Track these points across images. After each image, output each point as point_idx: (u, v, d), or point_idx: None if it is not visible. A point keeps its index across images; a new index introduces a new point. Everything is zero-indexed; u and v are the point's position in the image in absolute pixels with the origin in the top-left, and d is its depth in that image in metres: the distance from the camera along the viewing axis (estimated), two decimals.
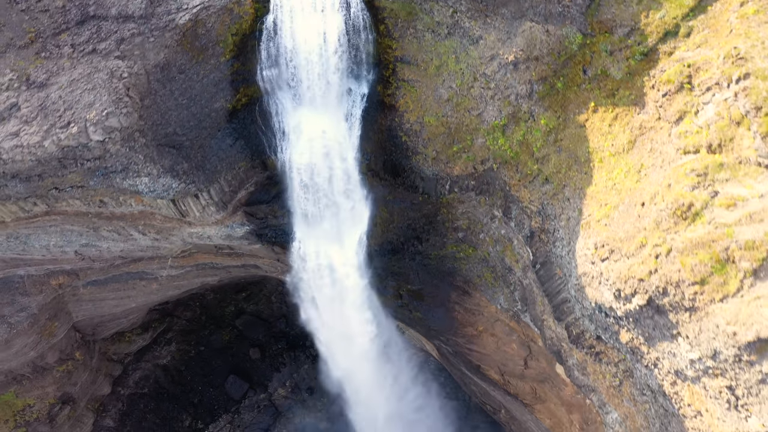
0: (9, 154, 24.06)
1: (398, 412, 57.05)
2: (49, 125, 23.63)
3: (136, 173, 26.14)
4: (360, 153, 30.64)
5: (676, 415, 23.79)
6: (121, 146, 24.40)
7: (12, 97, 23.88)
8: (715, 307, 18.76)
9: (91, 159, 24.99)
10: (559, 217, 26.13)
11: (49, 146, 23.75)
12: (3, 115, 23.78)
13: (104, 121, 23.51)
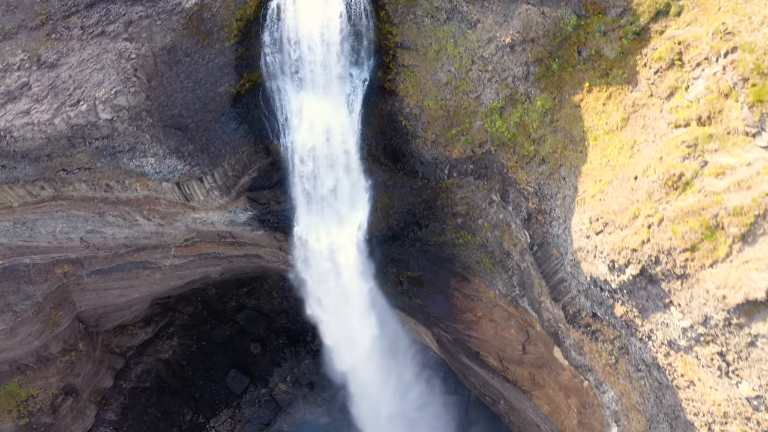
0: (20, 132, 24.75)
1: (400, 409, 57.54)
2: (59, 103, 24.34)
3: (143, 153, 26.80)
4: (361, 138, 31.30)
5: (670, 387, 24.33)
6: (128, 125, 25.08)
7: (23, 76, 24.61)
8: (706, 273, 19.37)
9: (99, 138, 25.65)
10: (555, 197, 26.77)
11: (59, 124, 24.43)
12: (14, 93, 24.51)
13: (113, 100, 24.22)
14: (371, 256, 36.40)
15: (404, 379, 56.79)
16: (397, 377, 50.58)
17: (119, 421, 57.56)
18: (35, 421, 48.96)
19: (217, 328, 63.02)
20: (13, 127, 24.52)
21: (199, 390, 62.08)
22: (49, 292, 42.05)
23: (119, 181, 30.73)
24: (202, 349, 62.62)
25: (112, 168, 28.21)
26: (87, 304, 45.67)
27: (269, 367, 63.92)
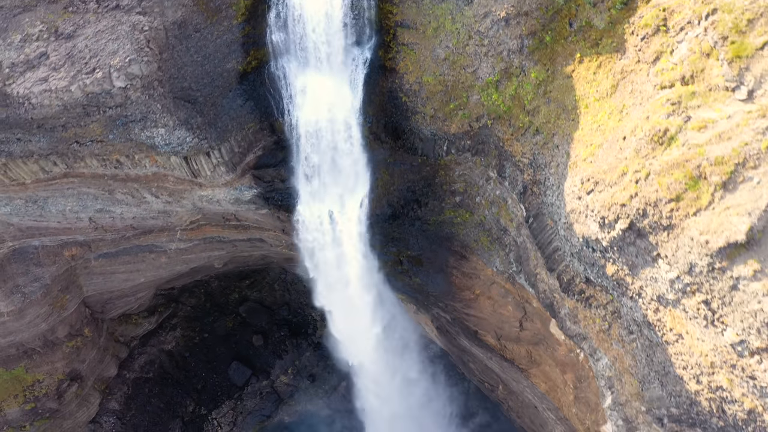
0: (38, 99, 25.92)
1: (404, 403, 58.36)
2: (76, 71, 25.53)
3: (154, 123, 27.96)
4: (362, 116, 32.44)
5: (660, 344, 25.28)
6: (141, 93, 26.26)
7: (42, 46, 25.83)
8: (690, 221, 20.44)
9: (113, 106, 26.82)
10: (549, 165, 27.89)
11: (75, 91, 25.59)
12: (33, 63, 25.70)
13: (127, 68, 25.42)
14: (372, 235, 37.42)
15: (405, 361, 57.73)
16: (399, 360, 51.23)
17: (122, 411, 58.23)
18: (41, 406, 49.70)
19: (219, 320, 63.89)
20: (31, 93, 25.71)
21: (201, 381, 62.82)
22: (57, 275, 43.05)
23: (129, 157, 31.87)
24: (205, 341, 63.45)
25: (124, 140, 29.36)
26: (93, 289, 46.62)
27: (271, 359, 64.71)
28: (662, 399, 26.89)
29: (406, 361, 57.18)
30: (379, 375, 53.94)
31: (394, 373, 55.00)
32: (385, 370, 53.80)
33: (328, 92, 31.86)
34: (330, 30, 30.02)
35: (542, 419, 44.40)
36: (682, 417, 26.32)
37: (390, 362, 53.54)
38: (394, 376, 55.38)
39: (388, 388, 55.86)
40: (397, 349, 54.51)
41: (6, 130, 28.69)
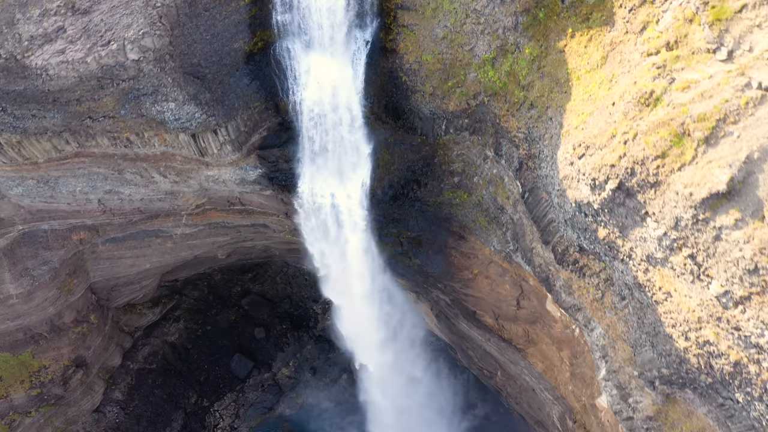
0: (55, 70, 27.14)
1: (407, 400, 59.23)
2: (92, 44, 26.77)
3: (164, 97, 29.16)
4: (364, 96, 33.65)
5: (650, 305, 26.28)
6: (153, 66, 27.48)
7: (59, 21, 27.09)
8: (675, 177, 21.56)
9: (126, 79, 28.04)
10: (543, 138, 29.06)
11: (91, 63, 26.82)
12: (51, 36, 26.96)
13: (140, 40, 26.66)
14: (373, 216, 38.50)
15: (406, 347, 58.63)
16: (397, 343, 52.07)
17: (126, 401, 58.97)
18: (46, 392, 50.45)
19: (222, 313, 64.80)
20: (49, 65, 26.94)
21: (204, 373, 63.61)
22: (66, 259, 44.07)
23: (139, 135, 33.06)
24: (208, 334, 64.31)
25: (135, 116, 30.56)
26: (100, 274, 47.61)
27: (273, 352, 65.55)
28: (653, 361, 27.85)
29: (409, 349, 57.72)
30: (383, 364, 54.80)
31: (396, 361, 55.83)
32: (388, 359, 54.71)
33: (331, 73, 33.06)
34: (334, 13, 31.29)
35: (540, 402, 45.20)
36: (673, 377, 27.27)
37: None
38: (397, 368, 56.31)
39: (391, 377, 56.79)
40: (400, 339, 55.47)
41: (22, 105, 29.91)
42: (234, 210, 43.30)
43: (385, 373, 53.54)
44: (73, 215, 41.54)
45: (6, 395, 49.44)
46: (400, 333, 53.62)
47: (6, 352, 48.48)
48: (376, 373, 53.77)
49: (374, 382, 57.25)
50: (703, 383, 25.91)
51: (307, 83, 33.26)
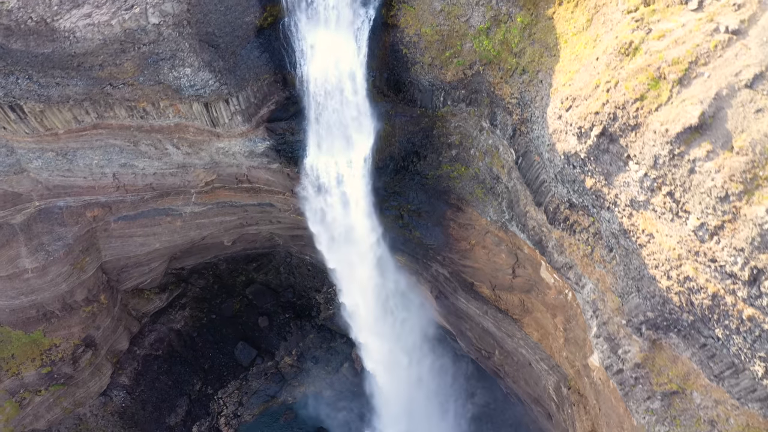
0: (82, 32, 29.25)
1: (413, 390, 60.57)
2: (116, 8, 28.93)
3: (181, 62, 31.27)
4: (367, 70, 35.74)
5: (635, 250, 28.05)
6: (172, 30, 29.61)
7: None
8: (653, 117, 23.54)
9: (146, 43, 30.17)
10: (534, 101, 31.10)
11: (115, 26, 28.94)
12: (78, 1, 29.15)
13: (161, 5, 28.83)
14: (375, 189, 40.38)
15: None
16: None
17: (132, 386, 60.34)
18: (56, 370, 51.89)
19: (226, 302, 66.37)
20: (76, 27, 29.07)
21: (208, 361, 64.98)
22: (80, 235, 45.90)
23: (155, 104, 35.14)
24: (212, 322, 65.84)
25: (153, 83, 32.64)
26: (111, 253, 49.36)
27: (276, 341, 66.99)
28: (639, 306, 29.53)
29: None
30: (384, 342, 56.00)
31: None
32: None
33: (336, 48, 35.16)
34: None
35: (536, 375, 46.62)
36: (657, 320, 28.92)
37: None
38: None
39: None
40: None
41: (47, 72, 32.02)
42: (242, 188, 45.19)
43: (386, 355, 54.88)
44: (88, 191, 43.43)
45: (17, 373, 50.88)
46: (400, 315, 55.05)
47: (19, 329, 50.06)
48: (376, 354, 55.10)
49: (375, 361, 57.98)
50: (685, 323, 27.57)
51: (313, 57, 35.32)
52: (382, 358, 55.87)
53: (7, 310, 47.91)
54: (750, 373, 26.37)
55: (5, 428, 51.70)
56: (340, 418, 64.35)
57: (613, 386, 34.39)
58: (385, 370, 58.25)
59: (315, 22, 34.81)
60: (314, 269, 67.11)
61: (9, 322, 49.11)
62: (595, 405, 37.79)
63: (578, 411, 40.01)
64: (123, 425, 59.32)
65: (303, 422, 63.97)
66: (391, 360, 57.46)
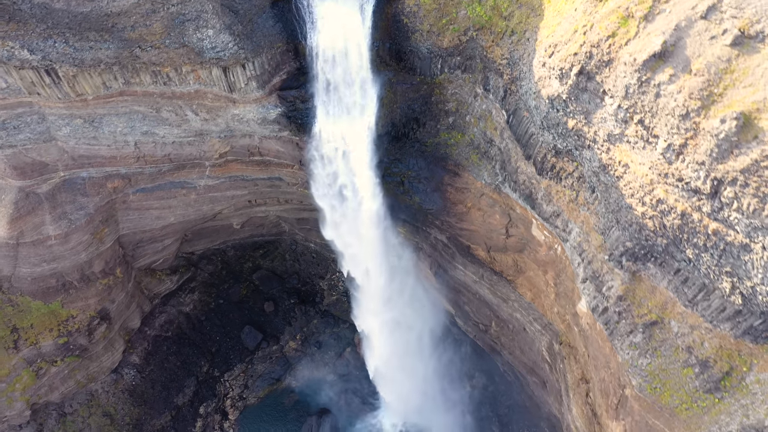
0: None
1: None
2: None
3: (205, 23, 34.74)
4: (371, 41, 39.26)
5: (613, 184, 31.03)
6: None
7: None
8: (623, 51, 26.85)
9: (175, 3, 33.72)
10: (522, 58, 34.48)
11: None
12: None
13: None
14: (378, 154, 43.52)
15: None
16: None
17: (142, 365, 62.49)
18: (72, 341, 54.24)
19: (234, 287, 68.91)
20: None
21: (215, 344, 67.21)
22: (100, 206, 48.91)
23: (177, 70, 38.54)
24: (220, 307, 68.26)
25: (177, 45, 36.08)
26: (128, 227, 52.26)
27: (281, 326, 69.29)
28: (619, 238, 32.38)
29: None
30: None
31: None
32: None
33: (343, 20, 38.69)
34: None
35: (530, 340, 49.06)
36: (636, 249, 31.74)
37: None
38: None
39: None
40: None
41: (82, 35, 35.45)
42: (253, 161, 48.35)
43: (389, 329, 57.07)
44: (110, 162, 46.57)
45: (36, 342, 53.21)
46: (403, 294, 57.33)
47: (38, 300, 52.62)
48: (379, 331, 57.34)
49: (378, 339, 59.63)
50: (659, 248, 30.40)
51: (322, 29, 38.84)
52: (384, 329, 57.84)
53: (29, 279, 50.55)
54: (719, 291, 29.18)
55: (21, 397, 53.81)
56: (342, 400, 66.16)
57: (600, 328, 36.96)
58: (387, 336, 59.78)
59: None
60: (318, 257, 69.85)
61: (30, 291, 51.70)
62: (584, 352, 40.25)
63: (569, 363, 42.42)
64: (133, 403, 61.31)
65: (306, 405, 65.77)
66: (393, 328, 59.14)
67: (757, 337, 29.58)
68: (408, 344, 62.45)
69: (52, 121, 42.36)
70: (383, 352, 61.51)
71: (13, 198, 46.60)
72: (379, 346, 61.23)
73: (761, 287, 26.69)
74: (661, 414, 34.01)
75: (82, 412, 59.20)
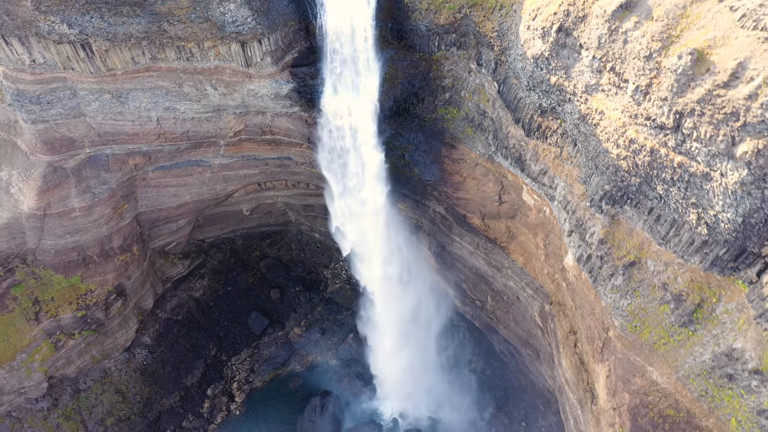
0: None
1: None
2: None
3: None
4: (375, 21, 43.47)
5: (592, 133, 34.71)
6: None
7: None
8: (595, 6, 30.89)
9: None
10: (510, 29, 38.58)
11: None
12: None
13: None
14: (381, 128, 47.34)
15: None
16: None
17: (153, 346, 65.25)
18: (90, 315, 57.24)
19: (242, 275, 72.05)
20: None
21: (223, 330, 70.02)
22: (122, 181, 52.60)
23: (200, 46, 42.68)
24: (228, 293, 71.28)
25: (202, 20, 40.26)
26: (146, 204, 55.81)
27: (286, 312, 72.19)
28: (598, 183, 35.90)
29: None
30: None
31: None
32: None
33: (350, 1, 42.96)
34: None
35: (523, 308, 52.10)
36: (613, 191, 35.22)
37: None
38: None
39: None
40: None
41: (117, 11, 39.57)
42: (264, 140, 52.20)
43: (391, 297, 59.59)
44: (132, 139, 50.42)
45: (55, 315, 56.21)
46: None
47: (60, 273, 55.87)
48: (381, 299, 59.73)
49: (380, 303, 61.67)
50: (634, 187, 33.88)
51: (331, 9, 43.07)
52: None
53: (52, 252, 53.88)
54: (688, 225, 32.56)
55: (40, 368, 56.54)
56: (345, 384, 68.58)
57: (585, 277, 40.18)
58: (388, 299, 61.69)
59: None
60: (323, 246, 73.13)
61: (52, 264, 54.98)
62: (572, 306, 43.33)
63: (559, 320, 45.43)
64: (144, 381, 63.87)
65: (310, 388, 68.16)
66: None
67: (723, 268, 32.73)
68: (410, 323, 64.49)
69: (83, 96, 46.32)
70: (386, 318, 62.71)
71: (42, 172, 50.32)
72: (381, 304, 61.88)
73: (722, 215, 30.08)
74: (642, 350, 36.93)
75: (96, 389, 61.75)
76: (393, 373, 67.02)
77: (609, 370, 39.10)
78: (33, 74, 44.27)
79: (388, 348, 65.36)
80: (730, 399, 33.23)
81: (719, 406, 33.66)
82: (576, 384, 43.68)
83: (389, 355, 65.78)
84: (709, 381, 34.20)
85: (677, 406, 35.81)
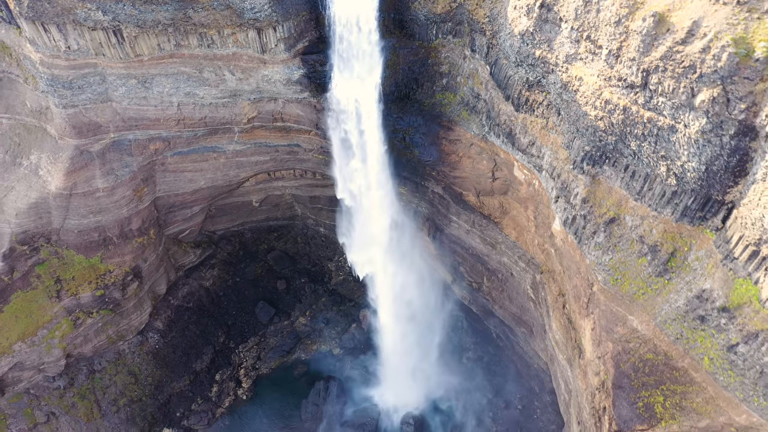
0: None
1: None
2: None
3: None
4: (379, 11, 48.06)
5: (572, 99, 38.79)
6: None
7: None
8: None
9: None
10: (500, 13, 43.08)
11: None
12: None
13: None
14: (384, 112, 51.52)
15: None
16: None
17: (165, 331, 68.32)
18: (108, 294, 60.58)
19: (250, 266, 75.50)
20: None
21: (231, 318, 73.15)
22: (143, 165, 56.65)
23: (220, 33, 47.21)
24: (237, 284, 74.63)
25: (223, 7, 44.84)
26: (164, 189, 59.72)
27: (292, 303, 75.39)
28: (579, 146, 39.82)
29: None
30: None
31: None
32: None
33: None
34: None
35: (516, 284, 55.47)
36: (593, 152, 39.10)
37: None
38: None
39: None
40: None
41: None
42: (276, 127, 56.39)
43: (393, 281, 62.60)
44: (154, 124, 54.64)
45: (76, 293, 59.55)
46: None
47: (81, 254, 59.45)
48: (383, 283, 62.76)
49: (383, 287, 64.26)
50: (610, 145, 37.78)
51: (338, 0, 47.66)
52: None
53: (76, 231, 57.58)
54: (659, 178, 36.32)
55: (59, 344, 59.60)
56: (348, 371, 71.29)
57: (571, 240, 43.76)
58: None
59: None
60: (327, 240, 76.75)
61: (75, 245, 58.60)
62: (560, 270, 46.77)
63: (549, 286, 48.81)
64: (156, 365, 66.73)
65: (314, 375, 70.87)
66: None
67: (693, 218, 36.28)
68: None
69: (111, 81, 50.71)
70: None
71: (69, 154, 54.41)
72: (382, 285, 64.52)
73: (688, 164, 33.86)
74: (623, 301, 40.24)
75: (110, 370, 64.60)
76: (394, 356, 69.39)
77: (594, 323, 42.35)
78: (67, 60, 48.73)
79: (387, 322, 66.90)
80: (703, 339, 36.32)
81: (693, 347, 36.69)
82: (565, 344, 46.81)
83: (390, 332, 67.55)
84: (683, 324, 37.35)
85: (656, 350, 38.85)
